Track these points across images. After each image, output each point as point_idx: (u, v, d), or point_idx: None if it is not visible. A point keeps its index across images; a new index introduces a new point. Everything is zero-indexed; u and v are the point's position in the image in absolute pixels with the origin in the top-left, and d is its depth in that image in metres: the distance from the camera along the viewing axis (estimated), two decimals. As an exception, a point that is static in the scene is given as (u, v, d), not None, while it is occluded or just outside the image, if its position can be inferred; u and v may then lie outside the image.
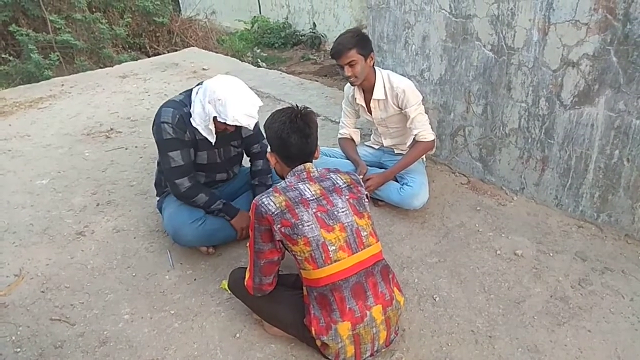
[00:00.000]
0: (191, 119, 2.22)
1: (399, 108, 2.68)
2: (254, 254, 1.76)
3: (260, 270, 1.77)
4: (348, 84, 2.84)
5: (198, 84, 2.27)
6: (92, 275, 2.38)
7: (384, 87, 2.67)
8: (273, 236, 1.70)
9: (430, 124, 2.70)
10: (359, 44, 2.51)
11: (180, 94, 2.36)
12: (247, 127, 2.15)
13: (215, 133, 2.25)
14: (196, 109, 2.20)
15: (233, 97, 2.06)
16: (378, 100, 2.71)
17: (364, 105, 2.80)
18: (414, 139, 2.69)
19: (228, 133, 2.28)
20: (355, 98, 2.80)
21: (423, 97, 2.75)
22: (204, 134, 2.23)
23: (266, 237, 1.72)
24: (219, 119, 2.10)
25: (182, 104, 2.26)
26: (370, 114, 2.81)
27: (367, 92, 2.74)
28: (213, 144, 2.28)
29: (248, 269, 1.84)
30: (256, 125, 2.46)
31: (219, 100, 2.06)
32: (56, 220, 2.83)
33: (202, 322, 2.07)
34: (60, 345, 1.99)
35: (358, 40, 2.52)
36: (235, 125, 2.14)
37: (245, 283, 1.85)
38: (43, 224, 2.80)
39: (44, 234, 2.71)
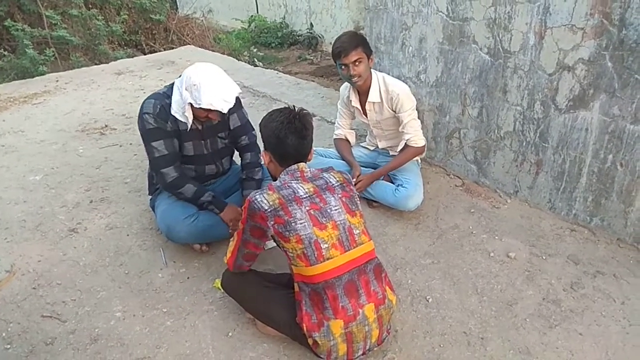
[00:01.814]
0: (171, 107, 2.23)
1: (394, 111, 2.68)
2: (240, 240, 1.82)
3: (243, 256, 1.85)
4: (343, 85, 2.84)
5: (180, 75, 2.28)
6: (84, 273, 2.37)
7: (380, 89, 2.67)
8: (262, 233, 1.75)
9: (425, 126, 2.71)
10: (363, 43, 2.53)
11: (165, 86, 2.37)
12: (222, 111, 2.13)
13: (200, 123, 2.26)
14: (174, 97, 2.22)
15: (208, 82, 2.07)
16: (373, 102, 2.71)
17: (359, 107, 2.80)
18: (405, 143, 2.70)
19: (214, 123, 2.28)
20: (351, 100, 2.80)
21: (419, 99, 2.76)
22: (181, 120, 2.24)
23: (255, 233, 1.76)
24: (194, 105, 2.11)
25: (164, 96, 2.28)
26: (366, 116, 2.81)
27: (363, 94, 2.74)
28: (188, 130, 2.29)
29: (231, 250, 1.88)
30: (244, 117, 2.47)
31: (194, 85, 2.07)
32: (49, 217, 2.81)
33: (194, 321, 2.06)
34: (51, 342, 1.97)
35: (362, 39, 2.55)
36: (220, 115, 2.16)
37: (226, 260, 1.92)
38: (35, 220, 2.78)
39: (36, 230, 2.70)
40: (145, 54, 6.92)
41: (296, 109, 1.84)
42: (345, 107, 2.92)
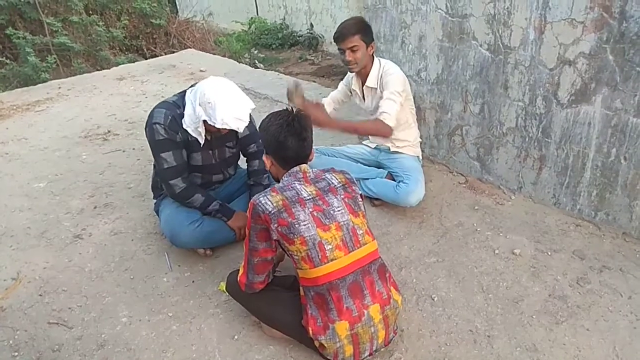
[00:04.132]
0: (182, 120, 2.22)
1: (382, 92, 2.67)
2: (248, 251, 1.78)
3: (254, 268, 1.79)
4: None
5: (192, 85, 2.27)
6: (90, 278, 2.38)
7: (378, 76, 2.68)
8: (268, 235, 1.72)
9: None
10: (363, 31, 2.55)
11: (174, 95, 2.35)
12: (237, 130, 2.13)
13: (209, 134, 2.26)
14: (187, 111, 2.20)
15: (223, 101, 2.05)
16: (370, 88, 2.74)
17: (359, 91, 2.83)
18: (376, 116, 2.61)
19: (222, 134, 2.28)
20: (353, 82, 2.85)
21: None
22: (194, 135, 2.23)
23: (261, 236, 1.73)
24: (208, 122, 2.10)
25: (175, 105, 2.26)
26: (364, 101, 2.83)
27: (363, 79, 2.76)
28: (202, 145, 2.29)
29: (242, 265, 1.85)
30: (252, 125, 2.45)
31: (209, 103, 2.05)
32: (54, 224, 2.83)
33: (200, 324, 2.06)
34: (58, 349, 1.98)
35: (362, 26, 2.57)
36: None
37: (239, 279, 1.87)
38: (40, 227, 2.79)
39: (41, 237, 2.71)
40: (146, 59, 6.95)
41: (294, 110, 1.83)
42: (345, 84, 2.96)
